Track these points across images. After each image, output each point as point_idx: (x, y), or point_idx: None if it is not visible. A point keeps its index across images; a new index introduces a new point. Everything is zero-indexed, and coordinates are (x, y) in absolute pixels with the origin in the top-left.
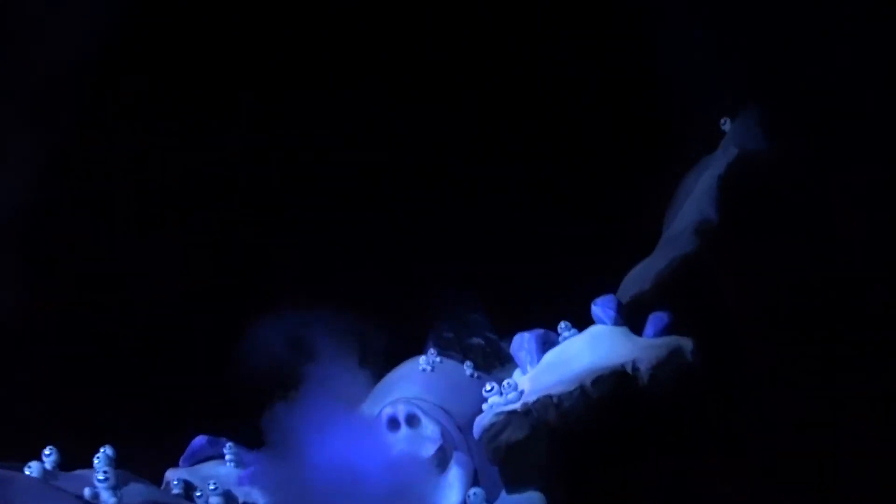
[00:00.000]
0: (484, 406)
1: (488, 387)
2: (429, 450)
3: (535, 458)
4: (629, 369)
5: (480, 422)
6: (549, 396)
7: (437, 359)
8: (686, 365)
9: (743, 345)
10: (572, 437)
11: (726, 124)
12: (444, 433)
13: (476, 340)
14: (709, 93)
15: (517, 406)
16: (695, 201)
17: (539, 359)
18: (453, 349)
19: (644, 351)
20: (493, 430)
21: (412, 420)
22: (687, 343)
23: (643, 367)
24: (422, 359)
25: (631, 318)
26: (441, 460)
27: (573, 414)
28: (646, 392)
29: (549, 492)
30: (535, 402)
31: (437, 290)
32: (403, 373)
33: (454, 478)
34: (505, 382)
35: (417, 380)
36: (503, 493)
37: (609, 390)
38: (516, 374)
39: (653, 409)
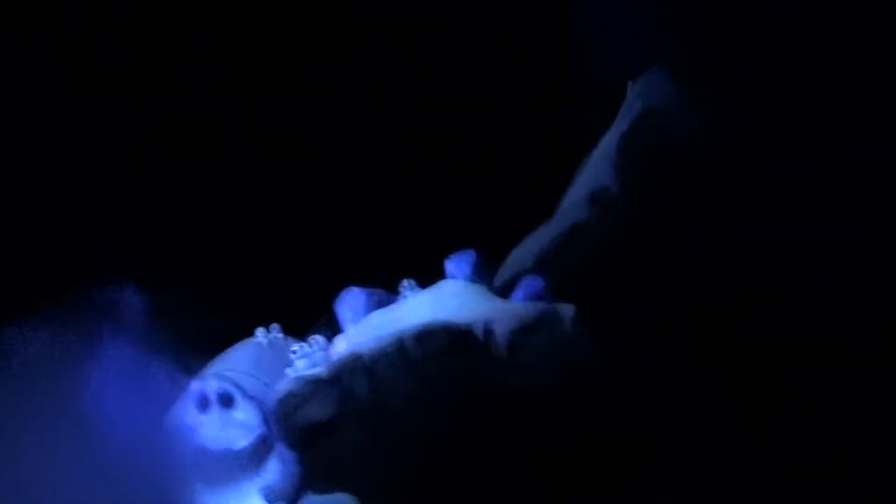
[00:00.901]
0: (289, 372)
1: (296, 347)
2: (241, 439)
3: (345, 443)
4: (478, 331)
5: (275, 392)
6: (358, 357)
7: (280, 335)
8: (564, 336)
9: (637, 329)
10: (390, 417)
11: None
12: (267, 420)
13: None
14: (621, 59)
15: (323, 372)
16: (592, 167)
17: (365, 316)
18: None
19: (504, 313)
20: (290, 404)
21: (226, 400)
22: (567, 310)
23: (500, 330)
24: (259, 331)
25: (503, 291)
26: (258, 454)
27: (390, 384)
28: (503, 364)
29: (363, 493)
30: (340, 366)
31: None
32: (235, 346)
33: (268, 477)
34: (311, 338)
35: (246, 354)
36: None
37: (443, 354)
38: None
39: (511, 387)
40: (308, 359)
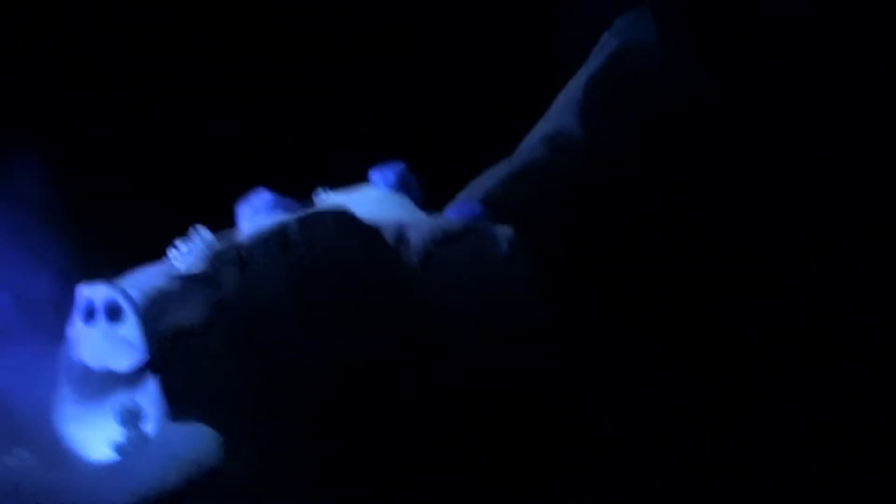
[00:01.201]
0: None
1: (180, 246)
2: (122, 359)
3: (210, 353)
4: (388, 235)
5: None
6: (233, 247)
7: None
8: (496, 260)
9: (582, 275)
10: (263, 320)
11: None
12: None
13: None
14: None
15: (197, 268)
16: (555, 108)
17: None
18: None
19: (425, 222)
20: (155, 305)
21: (113, 312)
22: (504, 231)
23: (414, 237)
24: (172, 252)
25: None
26: (135, 377)
27: (266, 277)
28: (414, 277)
29: (230, 424)
30: (215, 259)
31: None
32: (145, 266)
33: (134, 400)
34: (194, 230)
35: (152, 272)
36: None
37: (330, 243)
38: None
39: (421, 306)
40: (186, 255)
